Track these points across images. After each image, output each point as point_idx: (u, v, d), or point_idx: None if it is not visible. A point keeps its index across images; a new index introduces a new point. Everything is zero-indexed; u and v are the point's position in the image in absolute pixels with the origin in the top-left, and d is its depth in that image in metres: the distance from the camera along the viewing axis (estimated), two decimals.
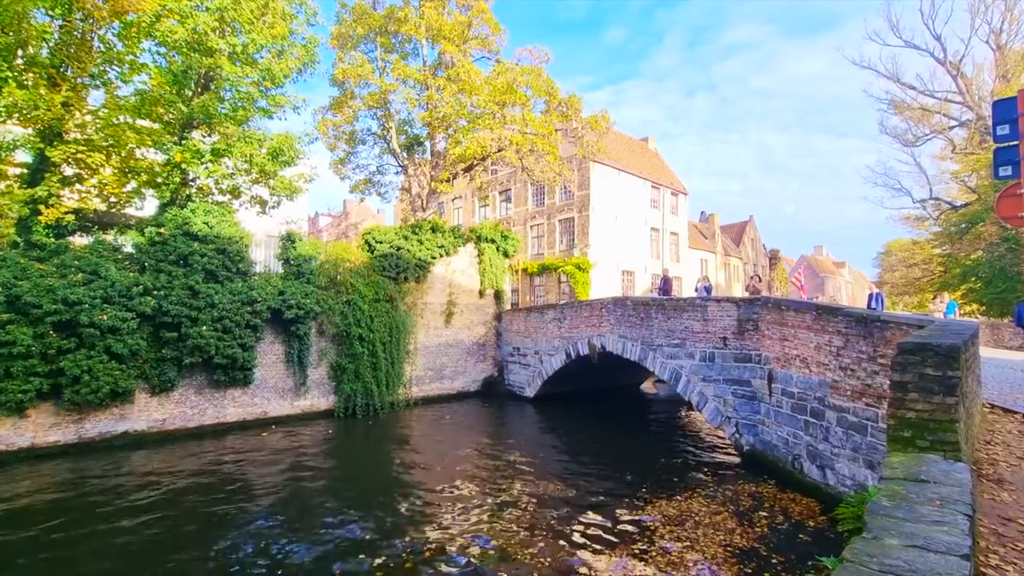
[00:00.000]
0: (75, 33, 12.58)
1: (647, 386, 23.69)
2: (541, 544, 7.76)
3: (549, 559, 7.29)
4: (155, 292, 13.26)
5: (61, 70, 12.68)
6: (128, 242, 14.02)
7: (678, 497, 9.63)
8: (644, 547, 7.59)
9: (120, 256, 13.72)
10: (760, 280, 18.83)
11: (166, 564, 7.18)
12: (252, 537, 8.07)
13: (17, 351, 11.19)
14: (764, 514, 8.73)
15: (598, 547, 7.68)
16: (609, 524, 8.49)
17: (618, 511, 9.00)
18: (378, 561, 7.22)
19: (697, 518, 8.59)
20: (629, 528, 8.29)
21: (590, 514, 8.96)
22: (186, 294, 13.71)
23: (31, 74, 12.35)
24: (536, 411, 18.81)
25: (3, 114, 11.77)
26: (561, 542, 7.84)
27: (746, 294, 16.97)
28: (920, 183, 33.92)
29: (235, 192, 16.24)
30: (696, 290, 19.02)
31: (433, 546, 7.74)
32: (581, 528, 8.37)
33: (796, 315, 10.46)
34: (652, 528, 8.21)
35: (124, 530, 8.21)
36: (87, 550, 7.54)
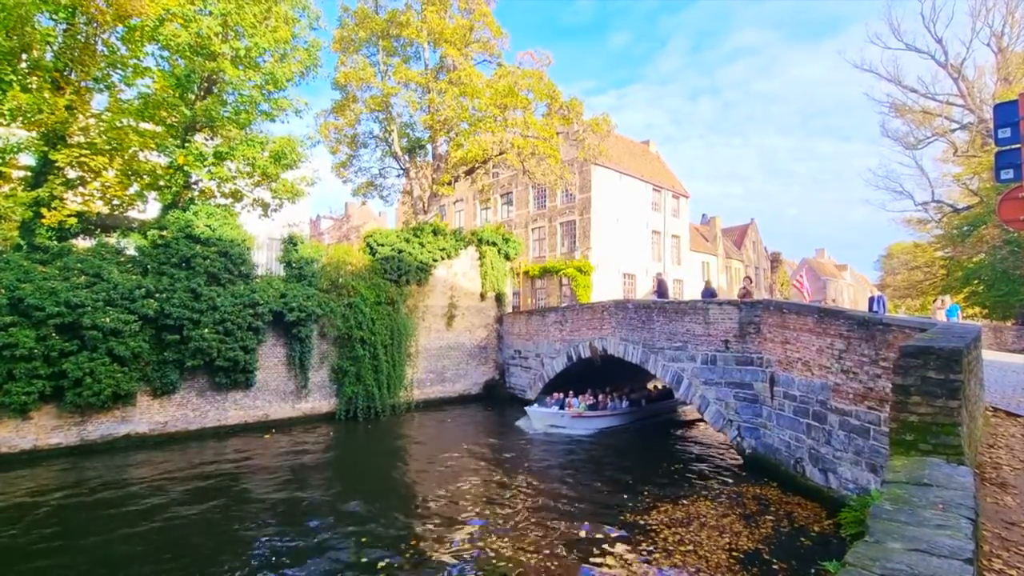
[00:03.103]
0: (79, 37, 12.64)
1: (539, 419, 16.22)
2: (545, 547, 7.74)
3: (554, 562, 7.27)
4: (157, 295, 13.29)
5: (65, 74, 12.75)
6: (131, 245, 14.07)
7: (683, 500, 9.61)
8: (649, 549, 7.57)
9: (122, 259, 13.77)
10: (752, 281, 18.59)
11: (167, 567, 7.18)
12: (253, 542, 8.07)
13: (20, 353, 11.22)
14: (770, 518, 8.70)
15: (602, 550, 7.66)
16: (613, 526, 8.47)
17: (622, 514, 8.98)
18: (381, 564, 7.20)
19: (702, 521, 8.57)
20: (633, 530, 8.27)
21: (594, 517, 8.93)
22: (188, 297, 13.73)
23: (35, 78, 12.40)
24: None
25: (7, 117, 11.81)
26: (565, 545, 7.82)
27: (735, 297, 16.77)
28: (922, 186, 34.04)
29: (237, 195, 16.28)
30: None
31: (435, 548, 7.73)
32: (585, 531, 8.34)
33: (798, 318, 10.44)
34: (656, 531, 8.18)
35: (124, 533, 8.21)
36: (88, 552, 7.54)
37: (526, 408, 16.90)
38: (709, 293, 17.46)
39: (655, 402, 19.03)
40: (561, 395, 17.67)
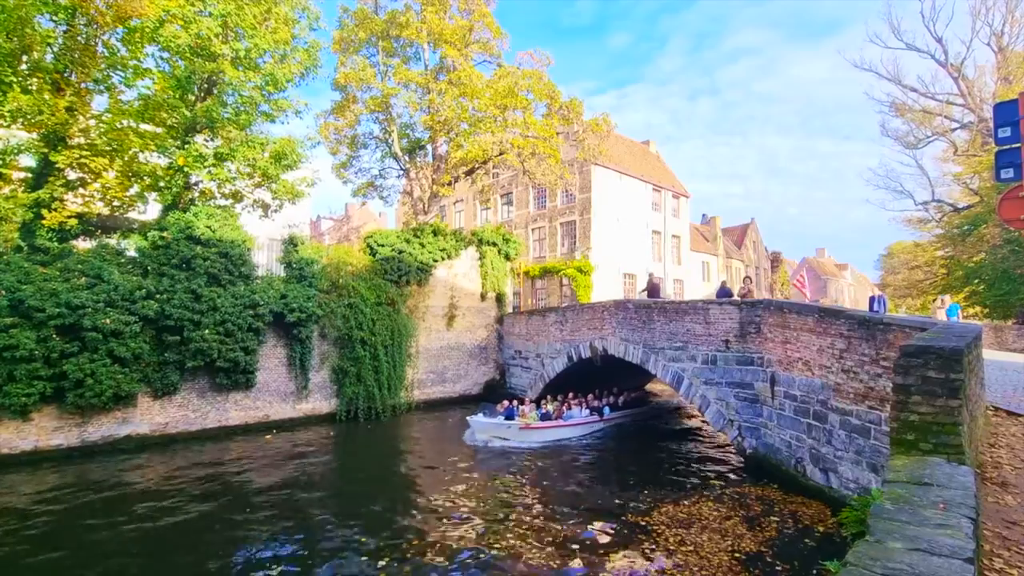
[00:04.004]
0: (79, 38, 12.64)
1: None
2: (546, 547, 7.74)
3: (555, 562, 7.27)
4: (158, 296, 13.29)
5: (65, 75, 12.75)
6: (131, 246, 14.08)
7: (684, 501, 9.60)
8: (651, 549, 7.56)
9: (123, 260, 13.78)
10: (752, 281, 18.53)
11: (167, 567, 7.18)
12: (253, 542, 8.07)
13: (20, 355, 11.22)
14: (772, 519, 8.68)
15: (604, 550, 7.66)
16: (614, 527, 8.47)
17: (623, 515, 8.98)
18: (381, 563, 7.21)
19: (704, 522, 8.56)
20: (635, 531, 8.27)
21: (595, 517, 8.93)
22: (189, 298, 13.74)
23: (35, 79, 12.40)
24: None
25: (7, 119, 11.82)
26: (566, 545, 7.81)
27: (736, 297, 16.69)
28: (922, 185, 33.94)
29: (237, 196, 16.28)
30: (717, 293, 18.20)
31: (435, 548, 7.73)
32: (586, 531, 8.34)
33: (798, 318, 10.44)
34: (658, 532, 8.18)
35: (125, 534, 8.21)
36: (88, 553, 7.54)
37: (468, 418, 14.83)
38: (725, 293, 17.40)
39: (621, 410, 17.46)
40: (514, 403, 15.87)
